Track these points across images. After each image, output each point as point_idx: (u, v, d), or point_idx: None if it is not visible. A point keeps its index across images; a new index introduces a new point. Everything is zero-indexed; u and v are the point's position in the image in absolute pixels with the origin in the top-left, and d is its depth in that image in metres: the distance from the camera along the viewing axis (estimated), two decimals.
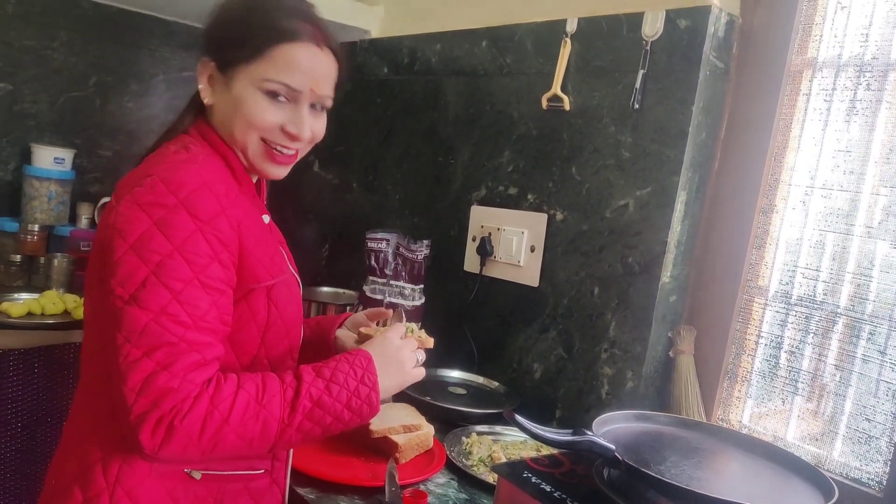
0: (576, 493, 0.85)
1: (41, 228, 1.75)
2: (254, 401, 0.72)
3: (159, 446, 0.68)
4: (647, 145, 1.20)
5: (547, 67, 1.34)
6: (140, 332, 0.69)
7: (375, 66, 1.77)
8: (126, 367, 0.69)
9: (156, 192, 0.73)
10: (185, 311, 0.71)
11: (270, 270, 0.81)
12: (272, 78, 0.81)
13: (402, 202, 1.69)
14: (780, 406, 1.16)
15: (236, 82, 0.82)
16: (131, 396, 0.68)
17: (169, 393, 0.68)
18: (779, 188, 1.16)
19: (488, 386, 1.40)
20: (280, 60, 0.81)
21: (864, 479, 1.04)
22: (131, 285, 0.70)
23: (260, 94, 0.81)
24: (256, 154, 0.85)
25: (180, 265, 0.71)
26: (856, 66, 1.08)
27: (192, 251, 0.72)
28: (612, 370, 1.23)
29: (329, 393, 0.76)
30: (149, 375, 0.68)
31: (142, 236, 0.71)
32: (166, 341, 0.70)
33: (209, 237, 0.73)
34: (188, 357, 0.70)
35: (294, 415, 0.74)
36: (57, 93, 1.86)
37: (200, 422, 0.69)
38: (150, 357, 0.69)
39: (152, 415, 0.68)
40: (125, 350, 0.69)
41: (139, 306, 0.70)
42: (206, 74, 0.84)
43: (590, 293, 1.27)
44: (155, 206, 0.72)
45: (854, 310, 1.07)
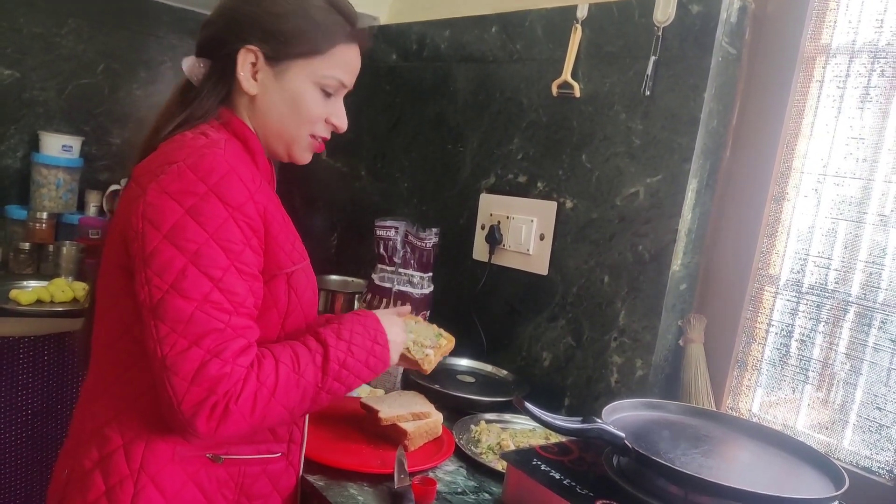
0: (585, 480, 0.85)
1: (49, 216, 1.76)
2: (293, 372, 0.75)
3: (216, 429, 0.70)
4: (657, 132, 1.19)
5: (557, 54, 1.33)
6: (186, 321, 0.70)
7: (384, 53, 1.76)
8: (175, 358, 0.69)
9: (184, 179, 0.73)
10: (227, 299, 0.72)
11: (292, 257, 0.82)
12: (333, 76, 0.85)
13: (411, 190, 1.68)
14: (791, 395, 1.16)
15: (291, 76, 0.83)
16: (183, 386, 0.69)
17: (222, 379, 0.70)
18: (791, 176, 1.15)
19: (497, 374, 1.40)
20: (340, 59, 0.86)
21: (875, 468, 1.04)
22: (170, 275, 0.70)
23: (316, 90, 0.85)
24: (302, 145, 0.88)
25: (217, 253, 0.72)
26: (870, 53, 1.06)
27: (226, 238, 0.73)
28: (622, 358, 1.23)
29: (351, 354, 0.80)
30: (200, 364, 0.69)
31: (175, 225, 0.71)
32: (213, 328, 0.71)
33: (241, 224, 0.74)
34: (236, 343, 0.72)
35: (326, 378, 0.78)
36: (65, 80, 1.86)
37: (252, 400, 0.71)
38: (199, 346, 0.70)
39: (208, 401, 0.69)
40: (171, 340, 0.69)
41: (182, 296, 0.70)
42: (248, 63, 0.83)
43: (599, 281, 1.27)
44: (185, 194, 0.72)
45: (866, 298, 1.06)
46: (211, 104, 0.84)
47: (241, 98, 0.85)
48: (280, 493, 0.88)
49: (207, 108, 0.84)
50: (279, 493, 0.88)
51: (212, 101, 0.84)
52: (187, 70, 0.86)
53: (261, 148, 0.86)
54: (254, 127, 0.86)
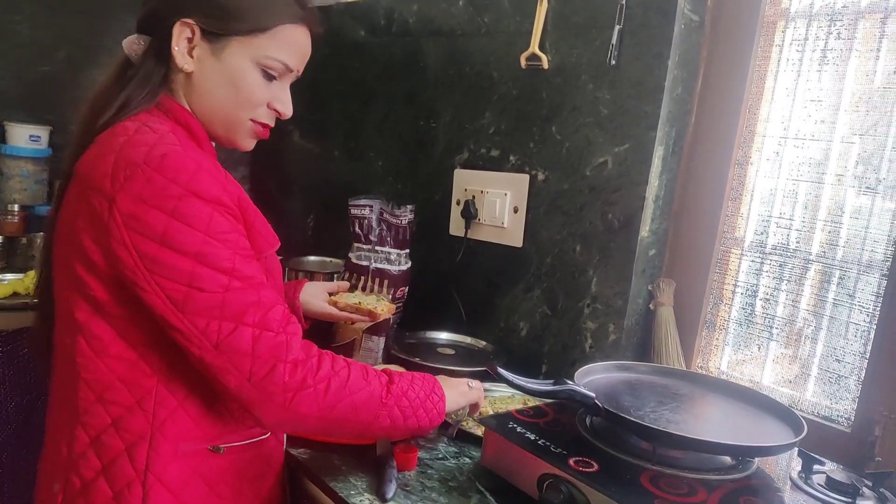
0: (559, 440, 0.88)
1: (20, 209, 1.73)
2: (361, 376, 0.78)
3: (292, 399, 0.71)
4: (624, 101, 1.21)
5: (525, 26, 1.34)
6: (221, 306, 0.70)
7: (352, 30, 1.74)
8: (228, 340, 0.70)
9: (155, 183, 0.69)
10: (246, 284, 0.72)
11: (268, 240, 0.82)
12: (275, 56, 0.80)
13: (385, 168, 1.69)
14: (757, 352, 1.20)
15: (230, 54, 0.78)
16: (247, 362, 0.70)
17: (280, 348, 0.71)
18: (754, 140, 1.18)
19: (476, 345, 1.43)
20: (284, 40, 0.80)
21: (835, 416, 1.09)
22: (182, 277, 0.69)
23: (257, 71, 0.80)
24: (242, 130, 0.84)
25: (218, 248, 0.71)
26: (827, 16, 1.09)
27: (219, 231, 0.72)
28: (595, 324, 1.27)
29: (413, 388, 0.83)
30: (253, 340, 0.70)
31: (166, 231, 0.69)
32: (250, 302, 0.71)
33: (224, 215, 0.73)
34: (275, 311, 0.73)
35: (390, 396, 0.80)
36: (25, 68, 1.81)
37: (326, 380, 0.74)
38: (244, 323, 0.70)
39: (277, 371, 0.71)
40: (215, 327, 0.70)
41: (204, 291, 0.70)
42: (183, 37, 0.78)
43: (572, 251, 1.30)
44: (163, 199, 0.69)
45: (825, 256, 1.11)
46: (151, 86, 0.79)
47: (177, 76, 0.80)
48: (272, 469, 0.90)
49: (147, 92, 0.79)
50: (272, 470, 0.90)
51: (152, 83, 0.79)
52: (126, 47, 0.81)
53: (205, 134, 0.82)
54: (192, 109, 0.81)
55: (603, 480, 0.78)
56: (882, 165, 1.04)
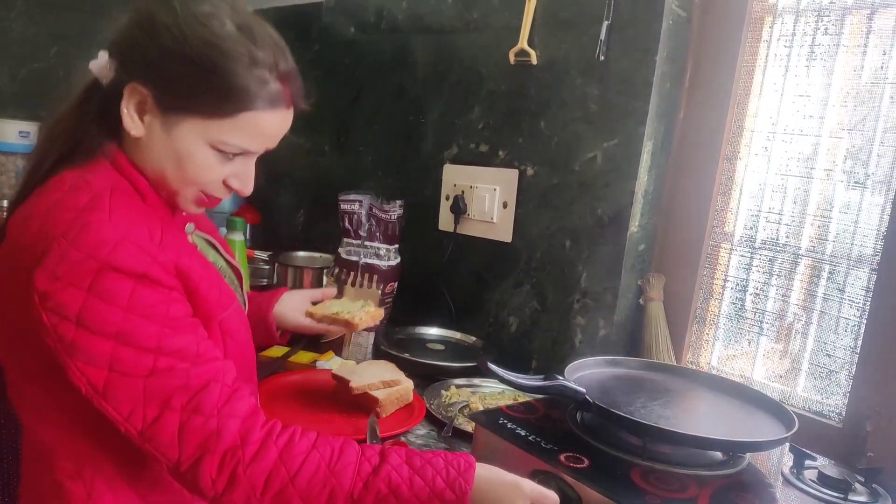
0: (550, 436, 0.88)
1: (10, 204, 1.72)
2: (325, 465, 0.65)
3: (221, 494, 0.64)
4: (612, 97, 1.21)
5: (513, 21, 1.33)
6: (142, 393, 0.63)
7: (342, 26, 1.74)
8: (151, 429, 0.64)
9: (69, 259, 0.63)
10: (177, 360, 0.65)
11: (220, 302, 0.75)
12: (231, 143, 0.71)
13: (375, 163, 1.68)
14: (747, 347, 1.20)
15: (181, 131, 0.70)
16: (174, 451, 0.64)
17: (212, 436, 0.64)
18: (742, 135, 1.18)
19: (466, 341, 1.43)
20: (247, 127, 0.71)
21: (825, 411, 1.09)
22: (102, 360, 0.63)
23: (210, 152, 0.71)
24: (187, 200, 0.76)
25: (141, 325, 0.64)
26: (814, 11, 1.09)
27: (142, 305, 0.64)
28: (585, 320, 1.26)
29: (410, 485, 0.66)
30: (181, 426, 0.64)
31: (82, 311, 0.62)
32: (176, 386, 0.64)
33: (149, 287, 0.65)
34: (209, 391, 0.65)
35: (366, 494, 0.65)
36: (17, 64, 1.81)
37: (265, 475, 0.64)
38: (170, 408, 0.64)
39: (205, 461, 0.64)
40: (138, 416, 0.64)
41: (125, 376, 0.63)
42: (134, 102, 0.69)
43: (561, 246, 1.30)
44: (77, 276, 0.62)
45: (815, 250, 1.11)
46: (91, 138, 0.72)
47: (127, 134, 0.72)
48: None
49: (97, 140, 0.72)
50: None
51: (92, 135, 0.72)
52: (96, 70, 0.73)
53: (148, 188, 0.74)
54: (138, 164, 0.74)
55: (594, 476, 0.78)
56: (870, 160, 1.04)
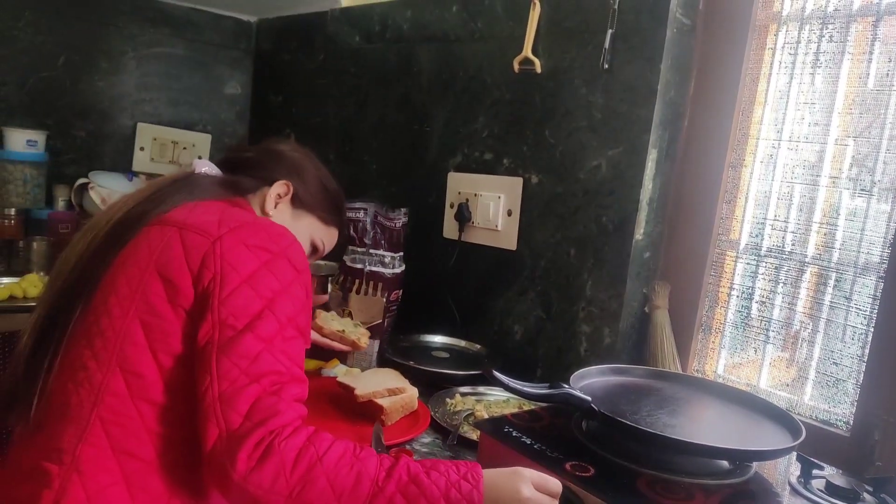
0: (555, 444, 0.88)
1: (18, 212, 1.74)
2: (350, 452, 0.70)
3: (253, 468, 0.65)
4: (617, 105, 1.21)
5: (518, 31, 1.34)
6: (252, 358, 0.71)
7: (347, 36, 1.75)
8: (234, 393, 0.69)
9: (260, 236, 0.79)
10: (288, 346, 0.75)
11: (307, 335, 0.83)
12: (325, 243, 1.06)
13: (380, 172, 1.69)
14: (753, 355, 1.20)
15: (303, 223, 1.01)
16: (236, 420, 0.68)
17: (276, 415, 0.68)
18: (747, 142, 1.18)
19: (470, 349, 1.43)
20: (333, 236, 1.08)
21: (833, 420, 1.08)
22: (246, 316, 0.73)
23: (309, 245, 1.04)
24: None
25: (288, 305, 0.76)
26: (819, 19, 1.09)
27: (294, 294, 0.78)
28: (590, 328, 1.26)
29: (427, 475, 0.70)
30: (257, 399, 0.69)
31: (255, 273, 0.76)
32: (275, 370, 0.72)
33: (304, 287, 0.80)
34: (294, 387, 0.73)
35: (388, 481, 0.68)
36: (26, 74, 1.83)
37: (296, 451, 0.67)
38: (258, 383, 0.70)
39: (256, 433, 0.67)
40: (232, 376, 0.70)
41: (255, 335, 0.72)
42: (278, 192, 0.97)
43: (566, 254, 1.30)
44: (261, 250, 0.78)
45: (821, 258, 1.10)
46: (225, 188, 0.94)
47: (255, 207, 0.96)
48: None
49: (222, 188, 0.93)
50: None
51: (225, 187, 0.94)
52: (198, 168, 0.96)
53: None
54: None
55: (599, 485, 0.78)
56: (876, 167, 1.04)
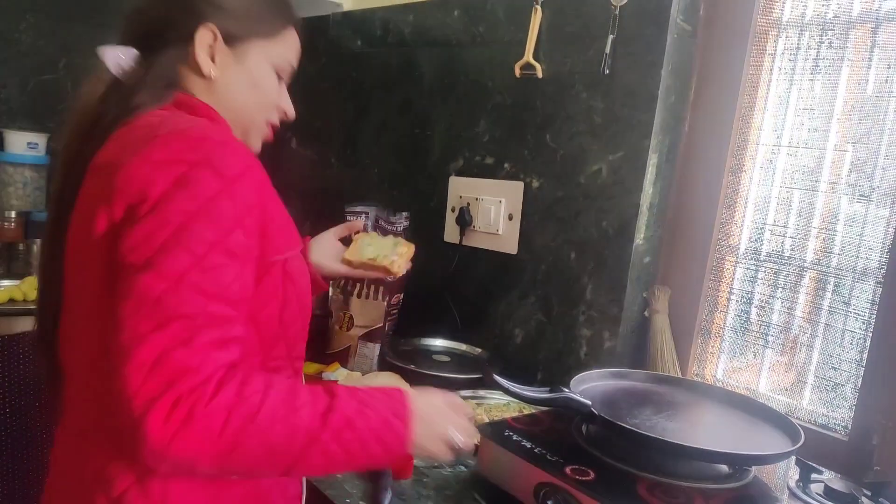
0: (555, 448, 0.88)
1: (18, 215, 1.74)
2: (283, 403, 0.61)
3: (171, 437, 0.56)
4: (618, 110, 1.21)
5: (519, 35, 1.35)
6: (153, 301, 0.58)
7: (349, 40, 1.76)
8: (132, 343, 0.57)
9: (171, 148, 0.63)
10: (208, 280, 0.61)
11: (288, 241, 0.75)
12: (288, 59, 0.83)
13: (381, 175, 1.69)
14: (753, 360, 1.20)
15: (251, 58, 0.79)
16: (138, 377, 0.56)
17: (188, 372, 0.57)
18: (747, 148, 1.19)
19: (471, 353, 1.43)
20: (290, 42, 0.83)
21: (831, 424, 1.08)
22: (146, 249, 0.60)
23: (274, 74, 0.82)
24: (258, 132, 0.85)
25: (204, 227, 0.61)
26: (818, 25, 1.10)
27: (216, 213, 0.62)
28: (590, 332, 1.27)
29: (361, 415, 0.64)
30: (162, 351, 0.57)
31: (163, 196, 0.61)
32: (184, 313, 0.59)
33: (235, 199, 0.64)
34: (209, 332, 0.59)
35: (324, 429, 0.62)
36: (27, 76, 1.83)
37: (224, 413, 0.57)
38: (163, 330, 0.57)
39: (167, 396, 0.56)
40: (132, 323, 0.58)
41: (155, 272, 0.59)
42: (206, 44, 0.76)
43: (567, 258, 1.30)
44: (172, 164, 0.62)
45: (820, 263, 1.11)
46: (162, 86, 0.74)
47: (194, 83, 0.77)
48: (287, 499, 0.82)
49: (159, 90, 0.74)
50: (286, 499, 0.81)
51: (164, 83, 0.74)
52: (112, 63, 0.75)
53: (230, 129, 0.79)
54: None
55: (599, 489, 0.78)
56: (875, 173, 1.04)
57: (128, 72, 0.75)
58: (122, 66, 0.75)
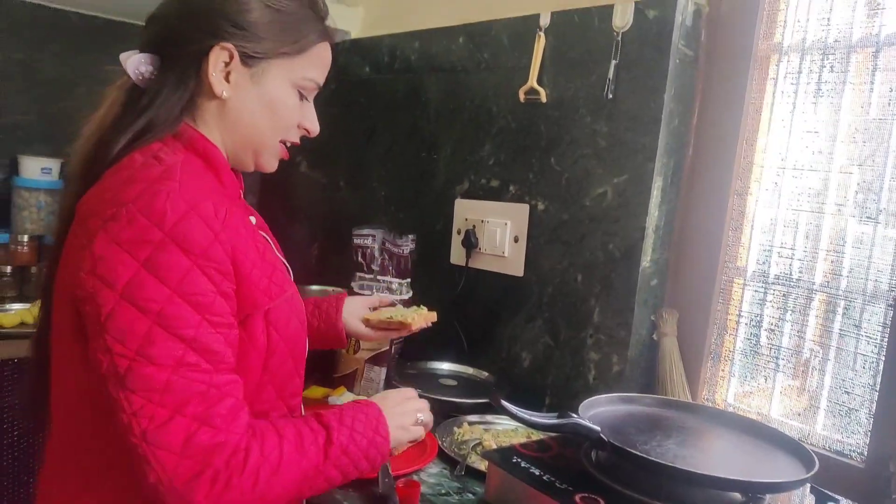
0: (564, 475, 0.87)
1: (31, 238, 1.77)
2: (296, 450, 0.69)
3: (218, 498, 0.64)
4: (621, 134, 1.22)
5: (523, 61, 1.36)
6: (162, 390, 0.62)
7: (357, 67, 1.79)
8: (157, 431, 0.62)
9: (136, 226, 0.63)
10: (204, 358, 0.64)
11: (269, 293, 0.73)
12: (312, 77, 0.80)
13: (388, 198, 1.71)
14: (764, 384, 1.19)
15: (269, 78, 0.75)
16: (173, 460, 0.62)
17: (216, 450, 0.63)
18: (752, 170, 1.19)
19: (478, 376, 1.42)
20: (317, 58, 0.80)
21: (846, 450, 1.06)
22: (133, 341, 0.62)
23: (294, 93, 0.78)
24: (271, 152, 0.81)
25: (184, 310, 0.63)
26: (819, 50, 1.11)
27: (192, 291, 0.64)
28: (598, 355, 1.26)
29: (353, 441, 0.74)
30: (188, 435, 0.62)
31: (131, 282, 0.62)
32: (195, 391, 0.63)
33: (207, 271, 0.65)
34: (223, 404, 0.65)
35: (327, 462, 0.71)
36: (45, 104, 1.87)
37: (254, 476, 0.65)
38: (182, 414, 0.62)
39: (205, 475, 0.63)
40: (148, 412, 0.62)
41: (151, 363, 0.62)
42: (220, 62, 0.73)
43: (573, 281, 1.30)
44: (139, 244, 0.63)
45: (829, 286, 1.10)
46: (172, 114, 0.73)
47: (206, 103, 0.75)
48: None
49: (168, 120, 0.73)
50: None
51: (173, 110, 0.73)
52: (132, 69, 0.75)
53: (225, 163, 0.78)
54: (220, 135, 0.77)
55: None
56: (882, 195, 1.04)
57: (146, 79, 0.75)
58: (142, 73, 0.75)
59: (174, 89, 0.74)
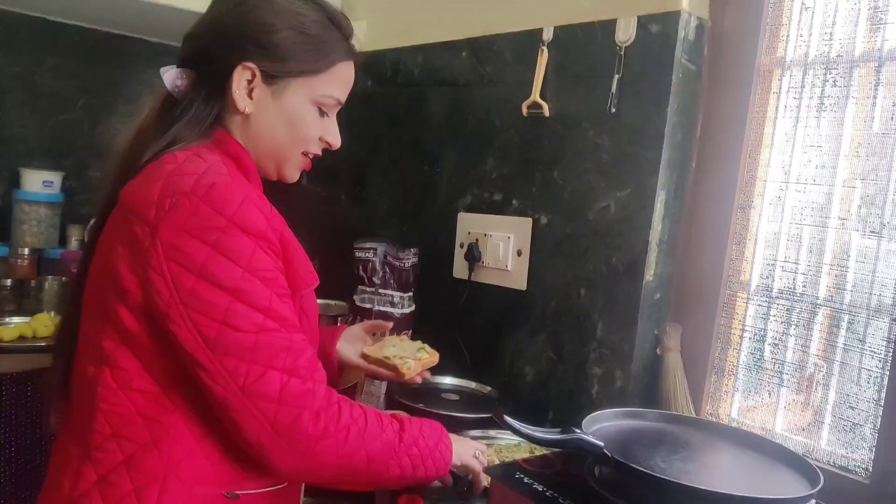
0: (568, 491, 0.86)
1: (31, 252, 1.76)
2: (377, 424, 0.77)
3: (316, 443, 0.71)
4: (625, 148, 1.23)
5: (526, 75, 1.37)
6: (252, 348, 0.70)
7: (360, 80, 1.77)
8: (255, 384, 0.69)
9: (201, 214, 0.70)
10: (280, 325, 0.72)
11: (306, 279, 0.80)
12: (332, 94, 0.84)
13: (390, 212, 1.71)
14: (767, 398, 1.18)
15: (290, 94, 0.81)
16: (272, 408, 0.69)
17: (308, 395, 0.71)
18: (755, 184, 1.19)
19: (481, 391, 1.41)
20: (340, 77, 0.85)
21: (851, 466, 1.05)
22: (217, 312, 0.69)
23: (314, 109, 0.84)
24: (294, 164, 0.88)
25: (256, 286, 0.71)
26: (822, 64, 1.11)
27: (260, 268, 0.72)
28: (602, 370, 1.25)
29: (422, 436, 0.81)
30: (282, 385, 0.70)
31: (205, 263, 0.69)
32: (281, 347, 0.71)
33: (266, 251, 0.73)
34: (304, 356, 0.73)
35: (401, 446, 0.78)
36: (45, 117, 1.88)
37: (346, 430, 0.73)
38: (273, 367, 0.70)
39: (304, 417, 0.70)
40: (243, 370, 0.69)
41: (237, 330, 0.70)
42: (244, 80, 0.80)
43: (576, 295, 1.29)
44: (206, 230, 0.70)
45: (833, 300, 1.10)
46: (205, 122, 0.80)
47: (232, 116, 0.82)
48: None
49: (201, 127, 0.80)
50: None
51: (205, 119, 0.81)
52: (169, 82, 0.82)
53: (254, 167, 0.84)
54: (245, 145, 0.84)
55: None
56: (885, 209, 1.04)
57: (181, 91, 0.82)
58: (178, 85, 0.82)
59: (205, 103, 0.81)
